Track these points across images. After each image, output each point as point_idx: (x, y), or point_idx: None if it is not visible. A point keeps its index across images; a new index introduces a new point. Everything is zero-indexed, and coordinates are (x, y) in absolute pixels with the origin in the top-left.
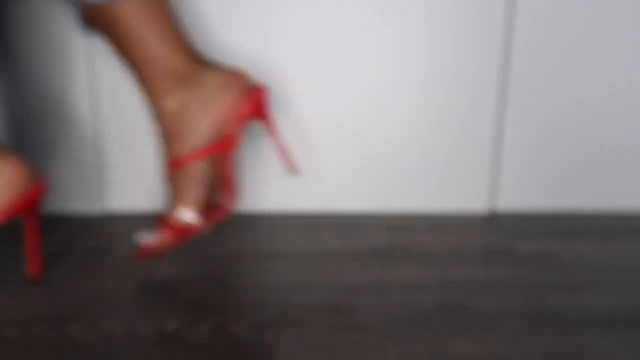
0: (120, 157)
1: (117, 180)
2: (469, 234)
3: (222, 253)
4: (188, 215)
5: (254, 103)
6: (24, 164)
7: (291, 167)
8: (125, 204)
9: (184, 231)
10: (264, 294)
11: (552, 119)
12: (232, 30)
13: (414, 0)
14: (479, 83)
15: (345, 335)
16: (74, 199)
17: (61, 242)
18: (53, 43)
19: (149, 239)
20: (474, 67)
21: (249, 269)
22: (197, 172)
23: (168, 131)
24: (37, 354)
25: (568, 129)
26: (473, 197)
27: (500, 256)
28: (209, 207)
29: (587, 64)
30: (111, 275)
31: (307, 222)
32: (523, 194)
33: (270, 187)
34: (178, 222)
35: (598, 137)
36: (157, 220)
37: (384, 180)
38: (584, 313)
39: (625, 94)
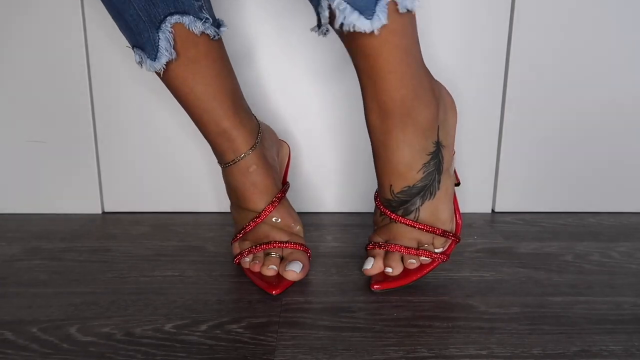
0: (120, 158)
1: (117, 181)
2: (469, 234)
3: (222, 253)
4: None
5: None
6: None
7: None
8: (125, 204)
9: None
10: (264, 294)
11: (551, 127)
12: None
13: None
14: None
15: (345, 335)
16: (74, 199)
17: (61, 242)
18: (54, 45)
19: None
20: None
21: None
22: None
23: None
24: (36, 355)
25: (569, 136)
26: (474, 197)
27: (500, 256)
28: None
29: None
30: (110, 275)
31: (308, 222)
32: (523, 195)
33: None
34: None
35: (598, 145)
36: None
37: None
38: (584, 313)
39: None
